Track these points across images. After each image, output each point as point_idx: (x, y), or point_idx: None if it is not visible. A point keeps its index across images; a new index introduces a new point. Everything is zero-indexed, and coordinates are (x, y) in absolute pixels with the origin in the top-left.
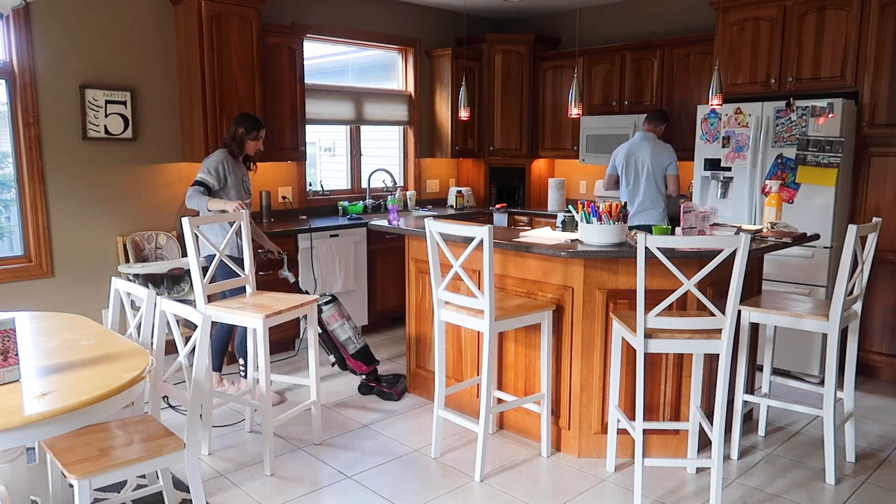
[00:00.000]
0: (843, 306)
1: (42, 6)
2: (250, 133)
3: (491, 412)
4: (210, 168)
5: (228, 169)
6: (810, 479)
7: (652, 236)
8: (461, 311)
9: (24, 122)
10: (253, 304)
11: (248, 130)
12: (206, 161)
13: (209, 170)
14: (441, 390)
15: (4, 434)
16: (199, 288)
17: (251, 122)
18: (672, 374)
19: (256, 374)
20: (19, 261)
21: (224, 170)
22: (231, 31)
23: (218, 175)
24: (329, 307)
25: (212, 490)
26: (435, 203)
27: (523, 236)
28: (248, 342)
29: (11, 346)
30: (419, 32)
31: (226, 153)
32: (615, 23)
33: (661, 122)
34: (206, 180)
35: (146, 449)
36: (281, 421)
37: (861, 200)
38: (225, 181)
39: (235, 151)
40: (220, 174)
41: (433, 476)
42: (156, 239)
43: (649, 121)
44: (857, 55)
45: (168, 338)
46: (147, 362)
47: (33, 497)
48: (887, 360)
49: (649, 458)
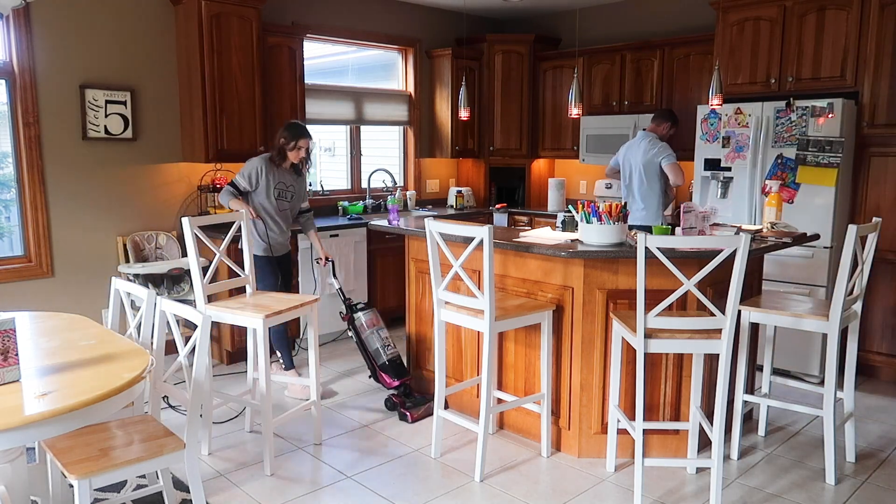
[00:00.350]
0: (843, 306)
1: (42, 6)
2: (289, 143)
3: (491, 412)
4: (244, 172)
5: (262, 175)
6: (810, 479)
7: (652, 236)
8: (461, 311)
9: (24, 122)
10: (253, 304)
11: (287, 140)
12: (245, 165)
13: (243, 173)
14: (441, 390)
15: (4, 434)
16: (200, 288)
17: (292, 133)
18: (672, 374)
19: (256, 374)
20: (19, 261)
21: (257, 175)
22: (231, 31)
23: (249, 180)
24: (362, 314)
25: (212, 490)
26: (435, 203)
27: (523, 236)
28: (249, 342)
29: (11, 346)
30: (419, 32)
31: (266, 160)
32: (615, 23)
33: (663, 120)
34: (238, 182)
35: (146, 449)
36: (281, 421)
37: (861, 200)
38: (256, 186)
39: (276, 160)
40: (252, 179)
41: (433, 476)
42: (156, 239)
43: (653, 120)
44: (857, 55)
45: (168, 338)
46: (147, 362)
47: (33, 497)
48: (887, 360)
49: (649, 458)
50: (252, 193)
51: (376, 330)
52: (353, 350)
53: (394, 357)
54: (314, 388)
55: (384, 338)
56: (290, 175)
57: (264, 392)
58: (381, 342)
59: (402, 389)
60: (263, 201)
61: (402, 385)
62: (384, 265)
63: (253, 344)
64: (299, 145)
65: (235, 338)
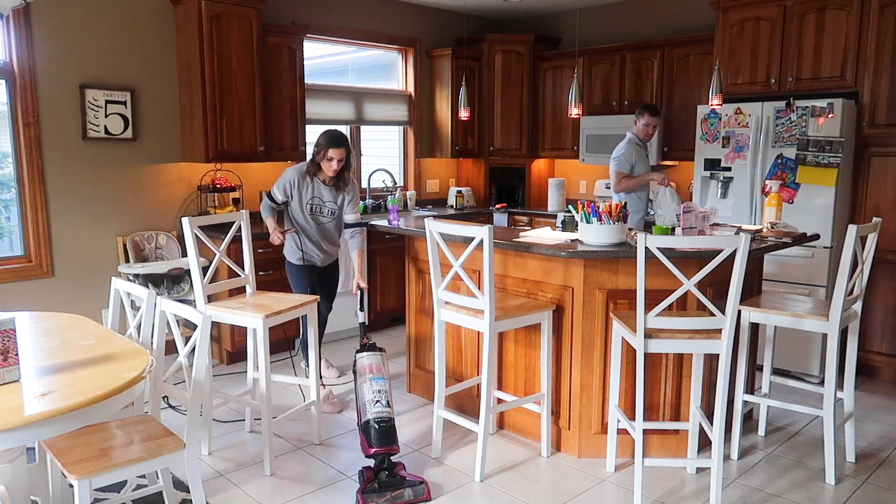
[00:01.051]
0: (843, 306)
1: (42, 6)
2: (319, 153)
3: (491, 412)
4: (279, 183)
5: (295, 188)
6: (810, 479)
7: (652, 236)
8: (461, 311)
9: (24, 122)
10: (253, 303)
11: (318, 150)
12: (282, 174)
13: (278, 184)
14: (441, 390)
15: (4, 434)
16: (200, 288)
17: (324, 141)
18: (672, 374)
19: (256, 374)
20: (19, 261)
21: (290, 188)
22: (231, 31)
23: (284, 191)
24: (366, 355)
25: (212, 490)
26: (435, 203)
27: (523, 236)
28: (248, 342)
29: (11, 346)
30: (419, 32)
31: (300, 171)
32: (615, 23)
33: (637, 116)
34: (274, 194)
35: (146, 449)
36: (281, 421)
37: (861, 200)
38: (291, 198)
39: (311, 171)
40: (287, 191)
41: (433, 476)
42: (156, 239)
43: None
44: (857, 55)
45: (168, 338)
46: (147, 362)
47: (33, 497)
48: (887, 360)
49: (649, 458)
50: (287, 206)
51: (372, 379)
52: (353, 350)
53: (381, 419)
54: (314, 388)
55: (377, 391)
56: (328, 189)
57: (264, 392)
58: (372, 395)
59: (379, 462)
60: (297, 216)
61: (381, 456)
62: (384, 265)
63: (253, 344)
64: (330, 156)
65: (235, 338)
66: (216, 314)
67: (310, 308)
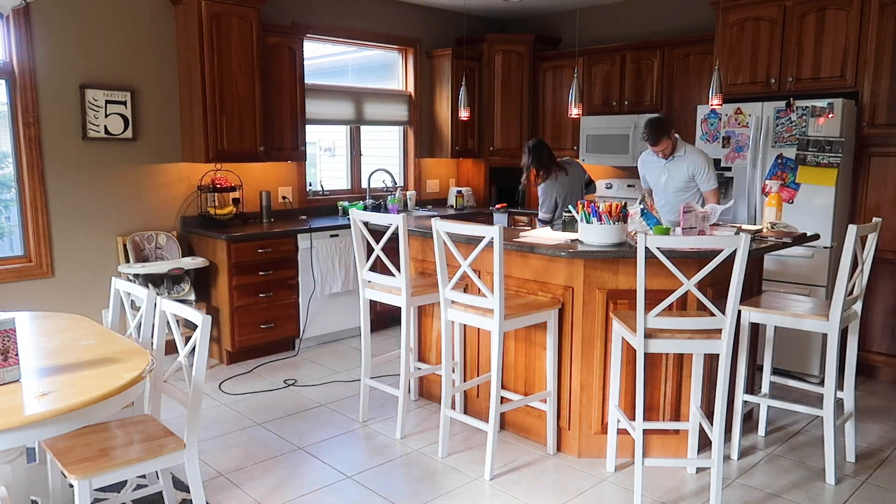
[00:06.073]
0: (843, 306)
1: (42, 6)
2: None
3: (498, 411)
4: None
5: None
6: (810, 479)
7: (652, 236)
8: (468, 310)
9: (24, 122)
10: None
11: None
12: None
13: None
14: (447, 390)
15: (4, 434)
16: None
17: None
18: (672, 374)
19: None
20: (19, 261)
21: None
22: (231, 31)
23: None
24: None
25: (212, 490)
26: (435, 203)
27: (524, 236)
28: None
29: (11, 346)
30: (419, 32)
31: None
32: (615, 23)
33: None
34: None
35: (146, 449)
36: (281, 421)
37: (861, 200)
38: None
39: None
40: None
41: (434, 476)
42: (156, 239)
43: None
44: (857, 55)
45: (168, 338)
46: (147, 362)
47: (33, 497)
48: (887, 360)
49: (649, 458)
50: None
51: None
52: (354, 350)
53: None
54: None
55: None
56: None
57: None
58: None
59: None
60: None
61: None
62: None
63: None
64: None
65: (236, 338)
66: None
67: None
